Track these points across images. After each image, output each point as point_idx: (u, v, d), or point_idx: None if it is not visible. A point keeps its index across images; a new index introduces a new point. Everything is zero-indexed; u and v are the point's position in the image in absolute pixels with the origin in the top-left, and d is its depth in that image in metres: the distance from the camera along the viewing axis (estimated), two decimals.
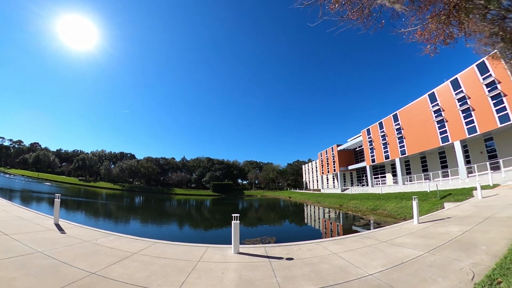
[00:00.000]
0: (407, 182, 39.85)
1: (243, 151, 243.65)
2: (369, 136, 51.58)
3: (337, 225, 25.42)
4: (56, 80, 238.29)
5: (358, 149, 65.24)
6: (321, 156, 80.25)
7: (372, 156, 50.58)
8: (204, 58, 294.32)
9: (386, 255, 6.76)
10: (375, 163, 49.96)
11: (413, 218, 11.37)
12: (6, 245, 6.75)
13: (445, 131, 32.22)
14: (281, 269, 5.98)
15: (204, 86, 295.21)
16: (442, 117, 32.59)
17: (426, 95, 35.79)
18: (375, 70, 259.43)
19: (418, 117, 37.49)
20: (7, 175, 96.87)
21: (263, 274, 5.62)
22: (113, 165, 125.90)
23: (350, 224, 24.81)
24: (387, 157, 45.66)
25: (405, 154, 40.59)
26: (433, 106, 34.31)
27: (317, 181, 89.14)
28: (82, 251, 6.80)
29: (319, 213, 36.56)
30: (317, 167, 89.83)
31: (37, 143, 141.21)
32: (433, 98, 34.54)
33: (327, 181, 78.25)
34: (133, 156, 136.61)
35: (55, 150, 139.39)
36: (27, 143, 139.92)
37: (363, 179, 60.08)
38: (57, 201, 10.61)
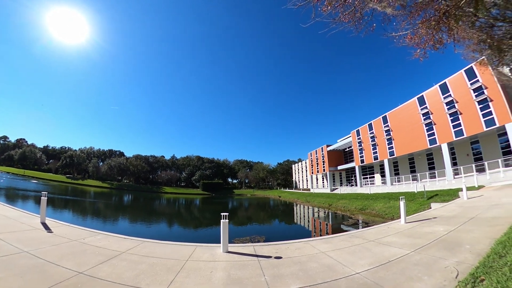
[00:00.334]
0: (395, 182, 40.52)
1: (233, 150, 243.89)
2: (358, 137, 52.26)
3: (326, 224, 25.70)
4: (45, 74, 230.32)
5: (347, 149, 66.13)
6: (311, 156, 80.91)
7: (361, 156, 51.27)
8: (195, 55, 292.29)
9: (373, 254, 6.87)
10: (364, 163, 50.66)
11: (400, 218, 11.58)
12: None
13: (433, 134, 32.94)
14: (269, 268, 6.02)
15: (195, 83, 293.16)
16: (431, 120, 33.29)
17: (415, 98, 36.50)
18: (365, 72, 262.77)
19: (407, 119, 38.20)
20: None
21: (252, 273, 5.63)
22: (101, 163, 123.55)
23: (339, 223, 25.08)
24: (376, 158, 46.38)
25: (394, 155, 41.30)
26: (422, 109, 35.00)
27: (307, 180, 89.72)
28: (69, 251, 6.68)
29: (308, 212, 36.86)
30: (307, 167, 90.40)
31: (23, 139, 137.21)
32: (422, 101, 35.23)
33: (317, 180, 78.89)
34: (122, 154, 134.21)
35: (42, 146, 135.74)
36: (12, 139, 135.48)
37: (352, 179, 60.84)
38: (44, 199, 10.32)
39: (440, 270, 5.23)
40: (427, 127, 34.06)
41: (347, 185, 62.26)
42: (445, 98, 31.07)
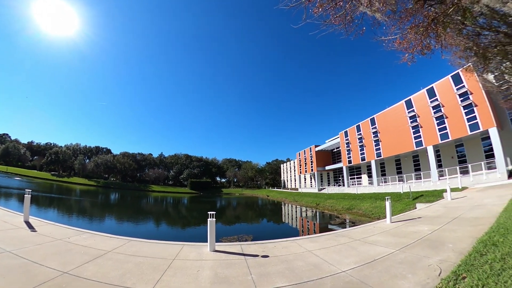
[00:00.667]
0: (382, 183, 41.27)
1: (222, 149, 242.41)
2: (346, 138, 52.94)
3: (314, 223, 25.97)
4: (31, 66, 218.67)
5: (335, 150, 66.85)
6: (300, 156, 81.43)
7: (349, 157, 51.96)
8: (187, 51, 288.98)
9: (359, 252, 6.99)
10: (352, 164, 51.31)
11: (386, 218, 11.81)
12: None
13: (419, 136, 33.70)
14: (256, 266, 6.05)
15: (185, 80, 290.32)
16: (417, 123, 34.05)
17: (403, 101, 37.26)
18: (355, 73, 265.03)
19: (395, 121, 38.95)
20: None
21: (239, 272, 5.65)
22: (88, 160, 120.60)
23: (326, 222, 25.39)
24: (363, 159, 47.07)
25: (381, 156, 42.01)
26: (409, 112, 35.75)
27: (295, 180, 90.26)
28: (54, 250, 6.52)
29: (296, 211, 37.15)
30: (295, 166, 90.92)
31: (7, 134, 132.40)
32: (409, 104, 35.99)
33: (305, 180, 79.48)
34: (109, 151, 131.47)
35: (26, 142, 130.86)
36: None
37: (340, 179, 61.55)
38: (27, 197, 9.98)
39: (424, 268, 5.37)
40: (413, 130, 34.82)
41: (334, 185, 62.98)
42: (432, 102, 31.85)
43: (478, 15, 8.16)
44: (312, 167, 69.97)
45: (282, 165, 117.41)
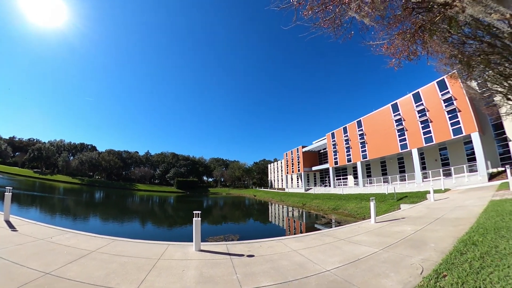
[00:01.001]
0: (367, 184, 42.06)
1: (209, 148, 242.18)
2: (333, 140, 53.72)
3: (300, 223, 26.19)
4: (15, 57, 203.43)
5: (322, 151, 67.90)
6: (287, 156, 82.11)
7: (335, 158, 52.75)
8: (177, 48, 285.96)
9: (343, 252, 7.10)
10: (338, 165, 52.13)
11: (371, 218, 12.03)
12: None
13: (405, 139, 34.55)
14: (241, 266, 6.05)
15: (173, 77, 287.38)
16: (403, 126, 34.89)
17: (389, 105, 38.12)
18: (344, 76, 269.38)
19: (381, 124, 39.79)
20: None
21: (224, 271, 5.64)
22: (72, 157, 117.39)
23: (312, 222, 25.67)
24: (349, 160, 47.90)
25: (367, 158, 42.86)
26: (395, 116, 36.60)
27: (282, 180, 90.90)
28: (36, 250, 6.32)
29: (282, 211, 37.40)
30: (282, 166, 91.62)
31: None
32: (395, 108, 36.83)
33: (292, 180, 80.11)
34: (94, 148, 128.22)
35: (7, 137, 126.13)
36: None
37: (326, 180, 62.42)
38: (8, 195, 9.60)
39: (406, 267, 5.50)
40: (399, 133, 35.67)
41: (321, 186, 63.81)
42: (417, 106, 32.70)
43: (464, 25, 8.42)
44: (299, 167, 70.64)
45: (269, 165, 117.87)
